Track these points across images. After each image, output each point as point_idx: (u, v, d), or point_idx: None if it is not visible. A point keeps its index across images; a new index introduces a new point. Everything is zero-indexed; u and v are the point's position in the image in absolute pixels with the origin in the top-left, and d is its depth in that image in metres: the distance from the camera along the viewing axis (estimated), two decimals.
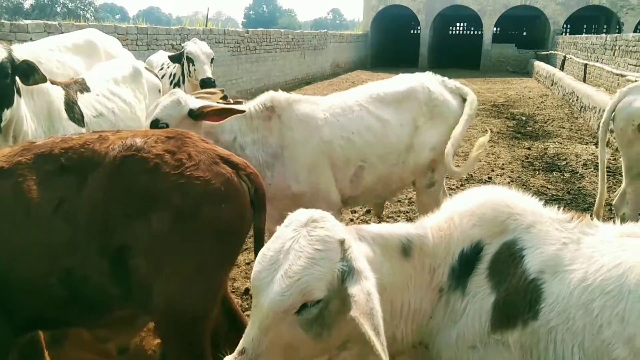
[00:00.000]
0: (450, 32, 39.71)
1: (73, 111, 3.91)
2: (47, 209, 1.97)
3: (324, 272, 1.46)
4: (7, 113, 3.14)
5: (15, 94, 3.22)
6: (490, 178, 7.19)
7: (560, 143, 9.52)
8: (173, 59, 6.15)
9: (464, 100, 3.89)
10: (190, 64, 5.97)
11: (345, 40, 28.01)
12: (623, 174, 4.46)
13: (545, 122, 11.82)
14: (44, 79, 3.37)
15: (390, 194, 4.05)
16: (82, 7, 47.39)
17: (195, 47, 5.96)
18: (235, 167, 2.11)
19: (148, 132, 2.23)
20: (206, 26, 14.38)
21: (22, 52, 4.01)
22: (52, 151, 2.07)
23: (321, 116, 3.48)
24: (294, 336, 1.48)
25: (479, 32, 32.44)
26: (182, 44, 6.21)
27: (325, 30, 26.29)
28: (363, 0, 32.37)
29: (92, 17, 44.76)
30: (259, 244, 2.18)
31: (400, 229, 1.72)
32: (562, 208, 1.77)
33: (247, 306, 4.01)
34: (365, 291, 1.42)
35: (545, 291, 1.55)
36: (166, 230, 1.91)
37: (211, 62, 6.04)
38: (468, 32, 39.56)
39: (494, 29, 31.29)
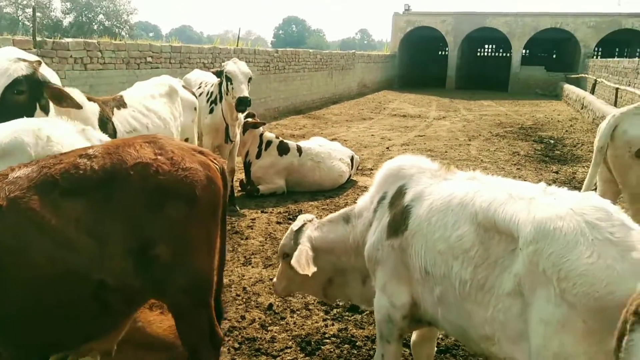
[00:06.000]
0: (478, 54, 39.46)
1: (106, 128, 4.08)
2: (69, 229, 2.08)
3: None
4: None
5: (39, 111, 3.33)
6: None
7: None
8: (217, 74, 6.27)
9: None
10: (229, 83, 6.05)
11: (373, 60, 28.23)
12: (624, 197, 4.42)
13: (575, 146, 11.69)
14: (78, 107, 3.52)
15: None
16: (118, 25, 48.81)
17: (234, 66, 6.07)
18: (205, 154, 2.54)
19: (128, 142, 2.35)
20: (237, 45, 14.70)
21: None
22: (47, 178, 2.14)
23: None
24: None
25: (508, 55, 32.32)
26: (222, 63, 6.33)
27: (353, 50, 26.53)
28: (391, 21, 32.67)
29: (127, 35, 46.02)
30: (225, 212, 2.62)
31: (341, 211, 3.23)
32: None
33: (270, 321, 4.07)
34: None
35: (412, 212, 2.56)
36: (181, 217, 2.25)
37: (249, 82, 6.12)
38: (497, 54, 39.24)
39: (523, 51, 31.12)
